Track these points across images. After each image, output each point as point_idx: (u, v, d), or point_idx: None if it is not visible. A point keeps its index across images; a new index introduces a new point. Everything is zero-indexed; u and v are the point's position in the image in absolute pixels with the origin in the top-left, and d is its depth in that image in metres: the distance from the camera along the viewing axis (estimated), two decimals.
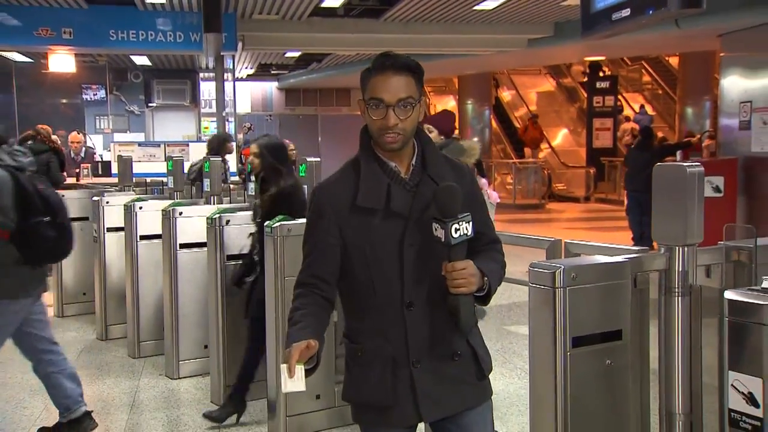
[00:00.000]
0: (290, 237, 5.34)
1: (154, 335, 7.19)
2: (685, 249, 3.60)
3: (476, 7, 12.43)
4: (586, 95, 24.13)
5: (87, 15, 12.75)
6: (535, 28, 13.85)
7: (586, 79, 24.97)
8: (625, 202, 12.79)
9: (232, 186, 8.69)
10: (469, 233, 2.44)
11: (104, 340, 7.88)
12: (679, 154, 14.57)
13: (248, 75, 23.56)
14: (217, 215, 5.96)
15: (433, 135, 6.65)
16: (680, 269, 3.58)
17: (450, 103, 27.27)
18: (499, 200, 13.06)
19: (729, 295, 2.80)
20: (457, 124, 25.76)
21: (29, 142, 10.56)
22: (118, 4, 12.50)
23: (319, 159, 6.03)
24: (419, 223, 2.54)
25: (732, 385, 2.73)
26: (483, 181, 15.33)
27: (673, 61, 23.84)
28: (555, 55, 19.21)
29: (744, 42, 12.57)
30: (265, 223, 5.38)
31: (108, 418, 5.77)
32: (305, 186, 5.75)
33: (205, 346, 6.38)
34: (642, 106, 25.14)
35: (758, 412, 2.66)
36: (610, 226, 15.85)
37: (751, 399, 2.68)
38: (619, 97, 24.56)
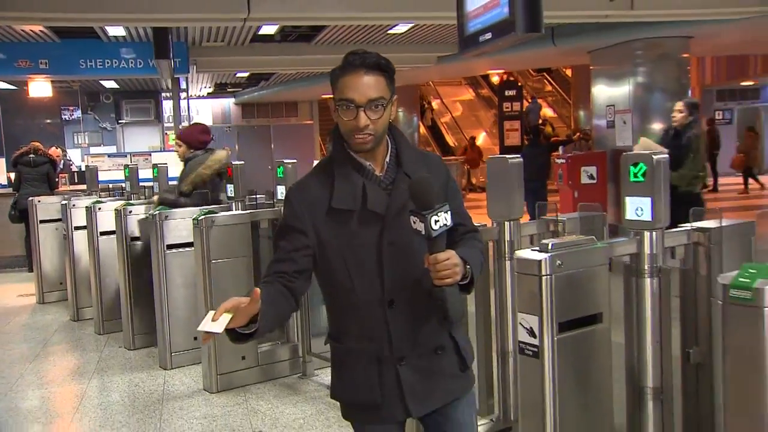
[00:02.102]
0: (215, 227, 5.60)
1: (114, 315, 7.27)
2: (511, 224, 3.90)
3: (390, 31, 12.61)
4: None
5: (59, 47, 12.76)
6: (442, 47, 14.09)
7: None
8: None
9: None
10: (448, 223, 2.14)
11: (76, 320, 8.06)
12: (561, 148, 15.01)
13: (208, 93, 23.49)
14: (157, 212, 6.09)
15: (182, 149, 6.47)
16: (508, 239, 3.91)
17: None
18: None
19: (518, 254, 3.09)
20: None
21: (32, 155, 10.85)
22: (86, 38, 12.51)
23: (295, 161, 5.89)
24: (397, 220, 2.25)
25: (519, 323, 3.02)
26: None
27: (569, 72, 24.25)
28: (463, 69, 19.46)
29: (608, 57, 13.00)
30: (193, 216, 5.63)
31: (79, 380, 6.03)
32: (282, 187, 5.75)
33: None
34: (533, 97, 25.63)
35: (536, 341, 2.94)
36: None
37: (531, 332, 2.96)
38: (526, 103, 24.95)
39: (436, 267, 2.10)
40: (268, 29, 12.70)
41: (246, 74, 19.00)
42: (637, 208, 3.29)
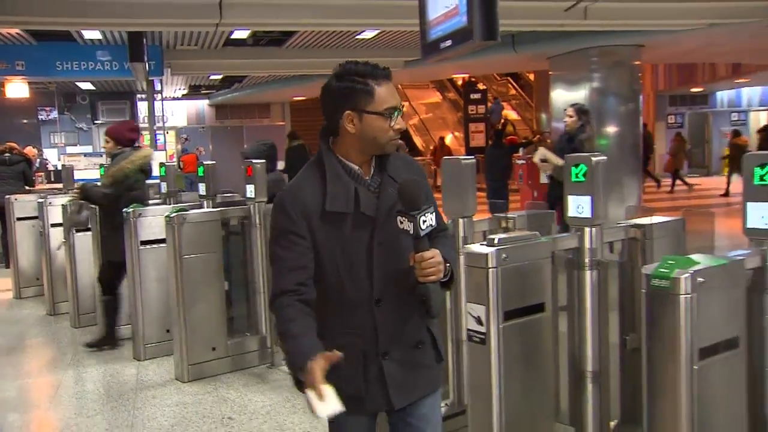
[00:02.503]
0: (186, 224, 5.68)
1: (90, 309, 7.31)
2: (465, 220, 4.03)
3: (358, 37, 12.74)
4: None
5: (36, 50, 12.71)
6: (409, 52, 14.22)
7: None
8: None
9: None
10: (433, 223, 2.20)
11: (52, 315, 8.05)
12: (522, 150, 15.21)
13: (183, 94, 23.45)
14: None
15: (110, 145, 6.43)
16: (462, 234, 4.03)
17: None
18: None
19: (467, 248, 3.22)
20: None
21: (7, 155, 10.79)
22: (62, 40, 12.49)
23: (264, 161, 5.96)
24: (386, 222, 2.26)
25: (468, 312, 3.15)
26: None
27: (532, 76, 24.51)
28: (430, 73, 19.61)
29: (565, 63, 13.20)
30: (165, 213, 5.71)
31: (55, 372, 6.08)
32: (251, 186, 5.84)
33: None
34: (496, 98, 25.88)
35: (483, 329, 3.07)
36: (481, 208, 16.33)
37: (479, 321, 3.08)
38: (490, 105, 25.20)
39: (422, 265, 2.16)
40: (240, 34, 12.77)
41: (219, 77, 19.02)
42: (578, 206, 3.44)
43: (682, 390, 2.44)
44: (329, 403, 2.04)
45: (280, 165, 16.21)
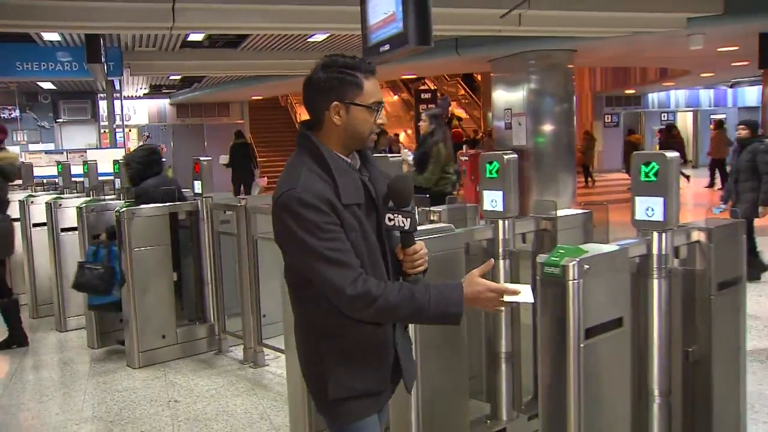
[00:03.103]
0: (135, 219, 5.70)
1: (47, 300, 7.28)
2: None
3: (309, 40, 12.74)
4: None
5: None
6: (359, 54, 14.28)
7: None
8: None
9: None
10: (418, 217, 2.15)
11: None
12: (465, 147, 15.38)
13: (144, 93, 23.18)
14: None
15: None
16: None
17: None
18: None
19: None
20: None
21: None
22: (22, 41, 12.30)
23: (210, 158, 6.11)
24: (382, 210, 2.16)
25: None
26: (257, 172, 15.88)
27: (480, 77, 24.71)
28: (380, 74, 19.66)
29: (505, 66, 13.37)
30: (115, 209, 5.73)
31: (11, 360, 6.08)
32: (198, 182, 5.94)
33: None
34: (443, 95, 26.06)
35: None
36: None
37: None
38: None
39: (414, 258, 2.15)
40: (196, 36, 12.69)
41: (178, 77, 18.87)
42: (492, 200, 3.58)
43: (570, 365, 2.56)
44: (524, 288, 2.06)
45: (225, 159, 16.37)
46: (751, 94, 27.92)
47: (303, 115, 28.44)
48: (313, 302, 2.14)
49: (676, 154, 2.93)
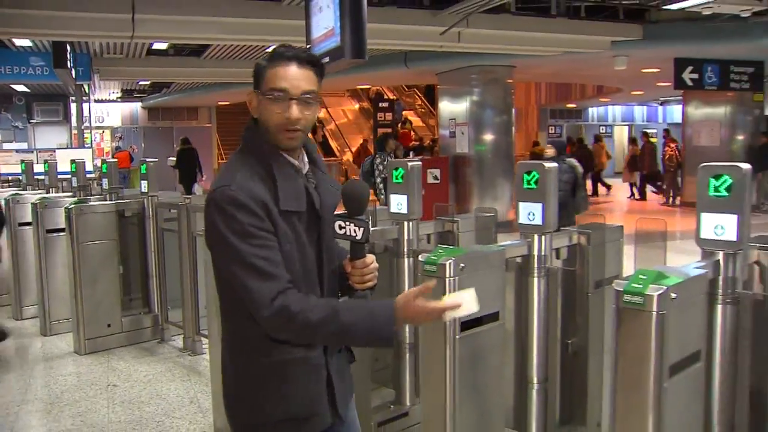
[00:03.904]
0: (83, 215, 5.67)
1: (3, 290, 7.16)
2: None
3: (268, 50, 12.73)
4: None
5: None
6: None
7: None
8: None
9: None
10: (371, 229, 1.90)
11: None
12: (411, 153, 15.43)
13: (117, 97, 22.99)
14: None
15: None
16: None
17: None
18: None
19: None
20: None
21: None
22: None
23: (156, 159, 6.10)
24: (328, 221, 1.88)
25: None
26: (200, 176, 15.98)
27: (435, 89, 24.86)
28: (336, 84, 19.63)
29: (451, 79, 13.50)
30: (65, 205, 5.69)
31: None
32: (145, 182, 5.82)
33: None
34: (397, 99, 26.19)
35: None
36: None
37: None
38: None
39: (364, 271, 1.86)
40: (161, 45, 12.60)
41: (148, 82, 18.71)
42: (398, 203, 3.63)
43: (447, 356, 2.62)
44: (466, 296, 1.78)
45: (172, 162, 16.45)
46: (677, 112, 28.52)
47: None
48: (243, 315, 1.79)
49: (554, 165, 3.02)
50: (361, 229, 1.81)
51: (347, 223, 1.82)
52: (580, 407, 3.32)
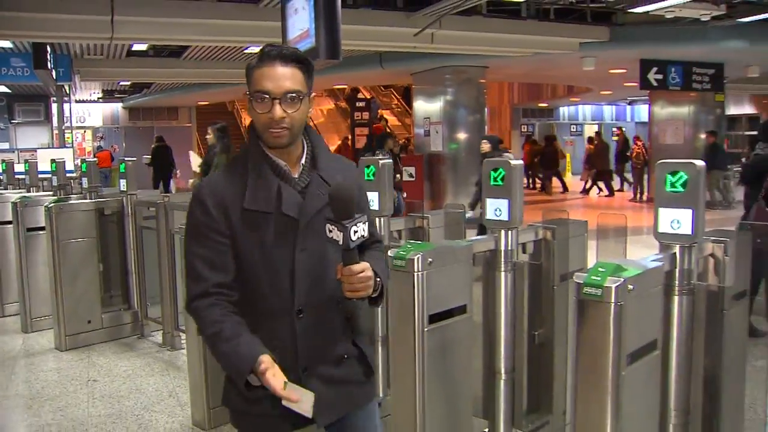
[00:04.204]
0: (63, 213, 5.61)
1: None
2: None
3: (246, 51, 12.67)
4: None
5: None
6: None
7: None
8: None
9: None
10: (366, 234, 1.73)
11: None
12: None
13: (98, 97, 22.76)
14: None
15: None
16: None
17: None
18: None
19: None
20: None
21: None
22: None
23: (135, 158, 6.02)
24: (311, 226, 1.81)
25: None
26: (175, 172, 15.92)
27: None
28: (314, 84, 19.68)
29: (425, 79, 13.56)
30: (45, 204, 5.63)
31: None
32: (124, 180, 5.78)
33: None
34: (372, 98, 26.20)
35: None
36: None
37: None
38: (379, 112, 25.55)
39: (351, 279, 1.73)
40: (141, 46, 12.50)
41: (128, 83, 18.55)
42: (370, 199, 3.64)
43: (416, 348, 2.64)
44: (304, 397, 1.71)
45: (146, 159, 16.42)
46: (645, 111, 28.84)
47: (248, 120, 28.14)
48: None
49: (520, 162, 3.04)
50: (341, 233, 1.69)
51: (333, 226, 1.71)
52: (547, 396, 3.36)
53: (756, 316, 2.76)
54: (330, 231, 1.71)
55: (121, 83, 18.39)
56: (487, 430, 3.25)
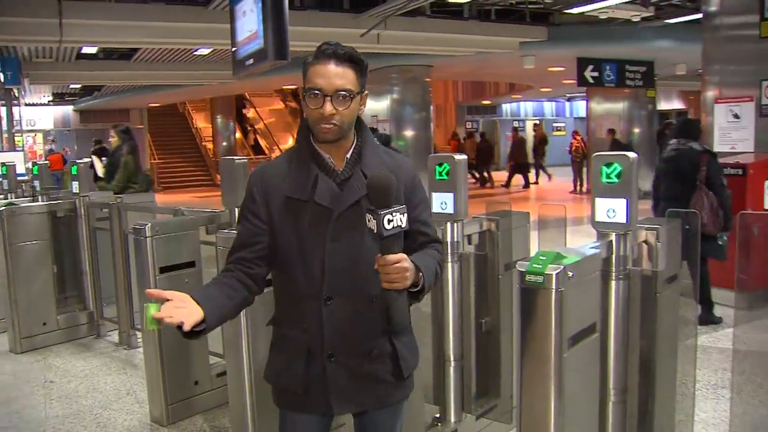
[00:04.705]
0: (15, 216, 5.45)
1: None
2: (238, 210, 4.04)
3: (195, 53, 12.51)
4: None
5: None
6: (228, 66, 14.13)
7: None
8: None
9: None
10: (403, 225, 1.69)
11: None
12: None
13: (48, 101, 22.18)
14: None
15: None
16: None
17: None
18: None
19: (218, 233, 3.31)
20: (211, 132, 25.72)
21: None
22: None
23: (89, 159, 5.94)
24: (345, 217, 1.82)
25: None
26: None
27: None
28: (259, 84, 19.47)
29: (372, 78, 13.00)
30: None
31: None
32: (76, 182, 5.65)
33: None
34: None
35: None
36: None
37: None
38: None
39: (386, 269, 1.69)
40: (90, 49, 12.20)
41: (79, 86, 18.10)
42: None
43: None
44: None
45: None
46: (583, 107, 29.40)
47: (199, 121, 27.82)
48: (273, 286, 1.99)
49: (464, 157, 3.07)
50: (373, 221, 1.66)
51: (369, 215, 1.68)
52: (495, 381, 3.40)
53: (685, 298, 2.83)
54: (369, 220, 1.68)
55: (72, 86, 17.91)
56: (438, 415, 3.28)
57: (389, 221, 1.66)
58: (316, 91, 1.80)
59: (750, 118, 6.44)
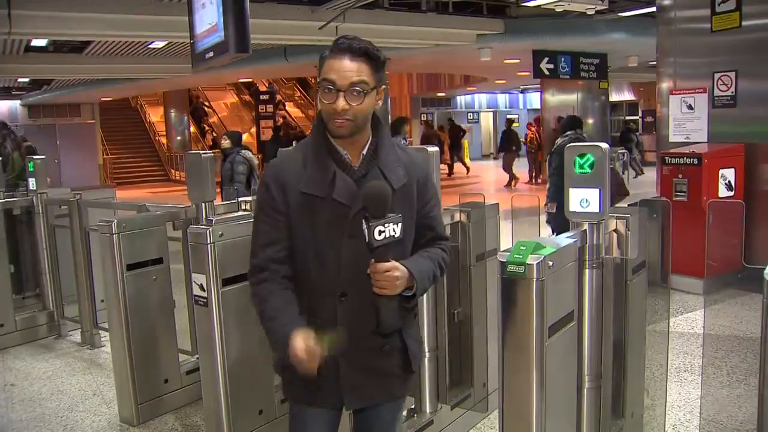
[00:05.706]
0: None
1: None
2: (206, 204, 4.01)
3: (150, 46, 12.25)
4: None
5: None
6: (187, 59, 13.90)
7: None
8: None
9: None
10: (396, 235, 1.72)
11: None
12: (295, 143, 15.34)
13: None
14: None
15: None
16: (204, 217, 4.03)
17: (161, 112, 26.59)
18: None
19: (189, 229, 3.27)
20: (164, 127, 25.28)
21: None
22: None
23: (44, 156, 5.64)
24: (361, 215, 1.78)
25: (193, 281, 3.18)
26: None
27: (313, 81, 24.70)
28: (219, 78, 19.20)
29: None
30: None
31: None
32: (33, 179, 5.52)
33: None
34: (271, 84, 25.93)
35: (205, 294, 3.12)
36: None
37: (201, 287, 3.10)
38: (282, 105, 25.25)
39: (376, 277, 1.75)
40: (40, 42, 11.85)
41: (27, 79, 17.57)
42: None
43: None
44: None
45: None
46: (536, 99, 29.79)
47: (152, 115, 27.31)
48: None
49: (435, 149, 3.08)
50: (367, 230, 1.70)
51: (363, 223, 1.72)
52: (468, 370, 3.44)
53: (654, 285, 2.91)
54: (364, 227, 1.71)
55: (20, 80, 17.37)
56: (413, 406, 3.31)
57: (380, 232, 1.70)
58: (330, 86, 1.79)
59: (703, 109, 6.62)
